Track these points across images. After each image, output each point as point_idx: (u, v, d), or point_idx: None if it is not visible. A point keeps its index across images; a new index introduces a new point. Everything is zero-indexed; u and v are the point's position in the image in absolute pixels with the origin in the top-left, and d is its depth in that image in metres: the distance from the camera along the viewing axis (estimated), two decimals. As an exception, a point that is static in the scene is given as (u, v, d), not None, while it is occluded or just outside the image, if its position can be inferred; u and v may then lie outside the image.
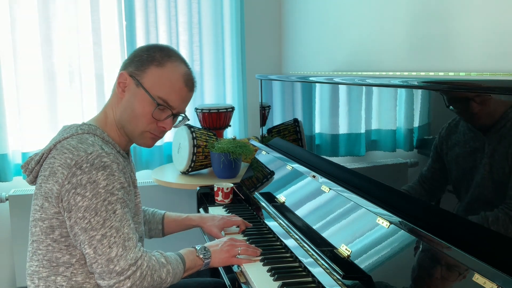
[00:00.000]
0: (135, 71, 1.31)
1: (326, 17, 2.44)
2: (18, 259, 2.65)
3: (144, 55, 1.32)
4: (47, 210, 1.22)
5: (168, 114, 1.34)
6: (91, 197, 1.17)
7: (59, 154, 1.22)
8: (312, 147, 1.83)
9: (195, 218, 1.69)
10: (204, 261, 1.39)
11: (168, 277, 1.27)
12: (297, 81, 1.91)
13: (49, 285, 1.25)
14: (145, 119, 1.31)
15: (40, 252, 1.25)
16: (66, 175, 1.18)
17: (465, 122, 1.01)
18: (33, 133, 2.70)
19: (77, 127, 1.30)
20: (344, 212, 1.38)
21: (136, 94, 1.30)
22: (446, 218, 1.06)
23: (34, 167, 1.29)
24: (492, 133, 0.93)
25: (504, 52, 1.32)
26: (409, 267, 1.07)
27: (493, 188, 0.93)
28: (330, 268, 1.21)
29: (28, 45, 2.65)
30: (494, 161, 0.92)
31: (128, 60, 1.35)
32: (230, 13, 2.95)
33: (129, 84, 1.31)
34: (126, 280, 1.19)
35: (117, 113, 1.34)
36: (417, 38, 1.70)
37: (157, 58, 1.32)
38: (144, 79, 1.30)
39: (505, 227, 0.90)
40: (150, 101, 1.30)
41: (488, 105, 0.94)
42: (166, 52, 1.34)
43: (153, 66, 1.31)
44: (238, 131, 3.02)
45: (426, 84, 1.13)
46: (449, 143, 1.05)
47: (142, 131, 1.34)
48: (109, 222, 1.18)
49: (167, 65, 1.32)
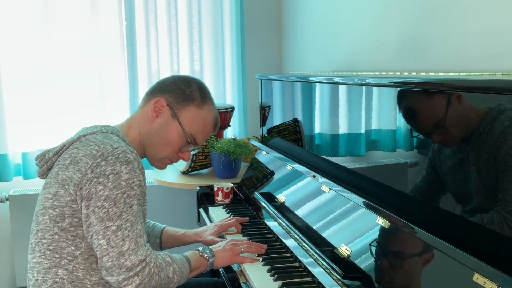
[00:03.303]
0: (175, 103, 1.40)
1: (326, 17, 2.44)
2: (18, 259, 2.65)
3: (187, 91, 1.41)
4: (61, 198, 1.24)
5: (192, 148, 1.45)
6: (112, 187, 1.20)
7: (84, 146, 1.26)
8: (312, 147, 1.83)
9: (191, 235, 1.69)
10: (209, 260, 1.41)
11: (175, 275, 1.28)
12: (297, 81, 1.91)
13: (49, 278, 1.24)
14: (172, 148, 1.42)
15: (45, 241, 1.25)
16: (90, 165, 1.22)
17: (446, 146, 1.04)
18: (33, 133, 2.70)
19: (101, 127, 1.35)
20: (344, 212, 1.38)
21: (170, 124, 1.39)
22: (446, 218, 1.06)
23: (51, 158, 1.32)
24: (473, 140, 0.96)
25: (504, 52, 1.32)
26: (409, 267, 1.07)
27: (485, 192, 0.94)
28: (330, 268, 1.21)
29: (28, 45, 2.65)
30: (480, 168, 0.94)
31: (167, 87, 1.42)
32: (230, 13, 2.95)
33: (165, 112, 1.39)
34: (135, 277, 1.19)
35: (143, 132, 1.41)
36: (417, 38, 1.70)
37: (198, 98, 1.42)
38: (182, 114, 1.40)
39: (503, 227, 0.90)
40: (182, 135, 1.40)
41: (466, 113, 0.97)
42: (204, 93, 1.44)
43: (193, 105, 1.41)
44: (238, 131, 3.02)
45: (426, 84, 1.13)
46: (441, 156, 1.07)
47: (163, 157, 1.43)
48: (126, 215, 1.21)
49: (205, 108, 1.43)
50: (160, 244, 1.66)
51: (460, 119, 1.00)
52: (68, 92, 2.74)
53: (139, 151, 1.42)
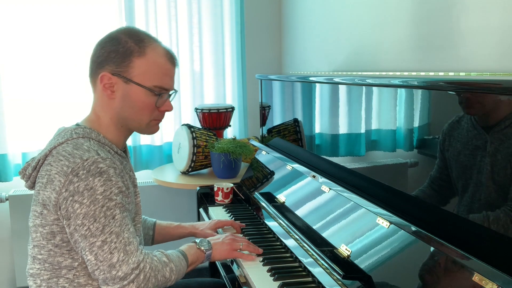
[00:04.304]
0: (118, 68, 1.26)
1: (326, 17, 2.44)
2: (18, 259, 2.65)
3: (120, 49, 1.25)
4: (47, 217, 1.21)
5: (166, 97, 1.33)
6: (89, 204, 1.16)
7: (55, 161, 1.20)
8: (312, 147, 1.83)
9: (187, 226, 1.68)
10: (206, 253, 1.39)
11: (172, 275, 1.27)
12: (297, 81, 1.91)
13: (51, 286, 1.24)
14: (148, 110, 1.30)
15: (41, 257, 1.24)
16: (63, 183, 1.17)
17: (468, 120, 1.00)
18: (33, 133, 2.70)
19: (71, 131, 1.27)
20: (344, 212, 1.38)
21: (130, 91, 1.27)
22: (446, 218, 1.06)
23: (31, 173, 1.27)
24: (495, 132, 0.93)
25: (504, 52, 1.32)
26: (409, 267, 1.07)
27: (495, 188, 0.93)
28: (330, 268, 1.21)
29: (28, 45, 2.65)
30: (496, 161, 0.92)
31: (99, 58, 1.28)
32: (230, 13, 2.95)
33: (116, 83, 1.27)
34: (131, 284, 1.18)
35: (113, 113, 1.30)
36: (417, 38, 1.70)
37: (135, 47, 1.26)
38: (132, 73, 1.26)
39: (505, 227, 0.90)
40: (147, 93, 1.27)
41: (491, 105, 0.94)
42: (137, 37, 1.28)
43: (135, 57, 1.25)
44: (238, 131, 3.02)
45: (426, 84, 1.13)
46: (451, 140, 1.05)
47: (148, 121, 1.33)
48: (109, 227, 1.17)
49: (147, 51, 1.27)
50: (152, 237, 1.63)
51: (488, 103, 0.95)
52: (68, 92, 2.74)
53: (121, 133, 1.33)
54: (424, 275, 1.02)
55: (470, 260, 0.91)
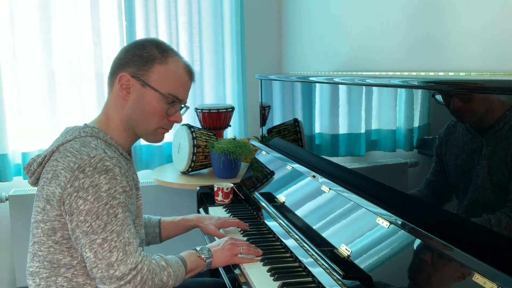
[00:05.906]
0: (138, 71, 1.30)
1: (326, 17, 2.44)
2: (18, 259, 2.65)
3: (143, 54, 1.31)
4: (49, 212, 1.22)
5: (178, 108, 1.37)
6: (93, 200, 1.17)
7: (62, 157, 1.22)
8: (312, 147, 1.83)
9: (192, 218, 1.69)
10: (206, 261, 1.39)
11: (169, 279, 1.27)
12: (297, 81, 1.91)
13: (50, 285, 1.25)
14: (158, 116, 1.33)
15: (41, 254, 1.25)
16: (69, 179, 1.18)
17: (463, 123, 1.01)
18: (33, 133, 2.70)
19: (79, 130, 1.29)
20: (344, 212, 1.38)
21: (144, 94, 1.31)
22: (446, 218, 1.06)
23: (36, 169, 1.29)
24: (490, 134, 0.93)
25: (503, 52, 1.32)
26: (409, 267, 1.07)
27: (492, 190, 0.93)
28: (330, 268, 1.21)
29: (28, 45, 2.65)
30: (493, 163, 0.92)
31: (123, 60, 1.32)
32: (230, 13, 2.95)
33: (134, 85, 1.30)
34: (127, 285, 1.18)
35: (123, 114, 1.33)
36: (417, 38, 1.70)
37: (158, 55, 1.31)
38: (150, 78, 1.30)
39: (506, 227, 0.90)
40: (161, 99, 1.31)
41: (486, 105, 0.94)
42: (162, 47, 1.34)
43: (157, 64, 1.31)
44: (238, 131, 3.02)
45: (426, 84, 1.13)
46: (448, 144, 1.05)
47: (155, 128, 1.35)
48: (110, 226, 1.18)
49: (169, 61, 1.32)
50: (159, 234, 1.64)
51: (481, 106, 0.95)
52: (68, 92, 2.74)
53: (126, 136, 1.36)
54: (424, 275, 1.02)
55: (470, 260, 0.91)
